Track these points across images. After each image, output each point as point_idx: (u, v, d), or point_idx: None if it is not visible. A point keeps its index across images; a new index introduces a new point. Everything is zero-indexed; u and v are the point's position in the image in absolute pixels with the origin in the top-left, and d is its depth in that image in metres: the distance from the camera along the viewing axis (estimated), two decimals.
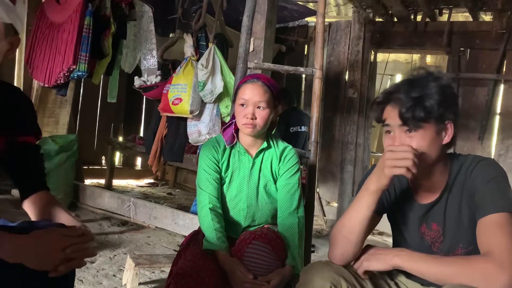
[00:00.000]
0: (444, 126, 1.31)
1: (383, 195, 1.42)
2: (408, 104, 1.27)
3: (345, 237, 1.33)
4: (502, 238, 1.17)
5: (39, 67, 3.67)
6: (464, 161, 1.35)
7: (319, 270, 1.29)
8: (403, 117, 1.27)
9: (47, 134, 4.38)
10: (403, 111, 1.27)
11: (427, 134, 1.28)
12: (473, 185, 1.29)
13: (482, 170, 1.30)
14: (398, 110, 1.29)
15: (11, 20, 1.22)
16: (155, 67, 4.19)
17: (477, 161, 1.32)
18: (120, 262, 2.89)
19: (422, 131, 1.28)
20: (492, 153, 4.65)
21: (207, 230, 1.68)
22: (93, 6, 3.53)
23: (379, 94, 1.41)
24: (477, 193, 1.27)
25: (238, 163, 1.78)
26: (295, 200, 1.76)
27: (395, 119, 1.30)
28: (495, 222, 1.20)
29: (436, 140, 1.30)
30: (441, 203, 1.36)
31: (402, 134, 1.30)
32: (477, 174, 1.29)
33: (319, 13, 2.22)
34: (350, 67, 5.32)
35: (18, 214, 3.43)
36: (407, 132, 1.29)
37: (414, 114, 1.26)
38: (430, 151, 1.30)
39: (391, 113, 1.32)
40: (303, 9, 5.12)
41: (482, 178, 1.28)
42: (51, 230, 1.15)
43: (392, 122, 1.31)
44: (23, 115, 1.38)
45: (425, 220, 1.40)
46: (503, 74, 4.61)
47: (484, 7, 4.63)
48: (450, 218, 1.34)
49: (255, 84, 1.73)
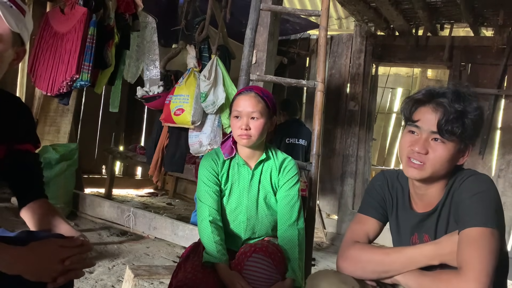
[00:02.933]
0: (465, 148, 1.32)
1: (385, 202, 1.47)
2: (450, 116, 1.24)
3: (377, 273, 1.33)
4: (474, 253, 1.18)
5: (42, 76, 3.68)
6: (460, 174, 1.34)
7: (327, 277, 1.30)
8: (440, 127, 1.25)
9: (48, 143, 4.38)
10: (443, 121, 1.25)
11: (450, 149, 1.28)
12: (458, 199, 1.29)
13: (468, 185, 1.29)
14: (438, 117, 1.26)
15: (19, 30, 1.23)
16: (158, 78, 4.20)
17: (468, 175, 1.32)
18: (119, 272, 2.87)
19: (449, 145, 1.27)
20: (493, 168, 4.65)
21: (207, 243, 1.67)
22: (97, 17, 3.55)
23: (417, 92, 1.38)
24: (460, 206, 1.28)
25: (237, 175, 1.78)
26: (295, 212, 1.75)
27: (430, 124, 1.27)
28: (471, 236, 1.20)
29: (455, 158, 1.31)
30: (435, 215, 1.36)
31: (429, 140, 1.28)
32: (463, 188, 1.29)
33: (321, 26, 2.23)
34: (352, 80, 5.35)
35: (18, 223, 3.43)
36: (434, 140, 1.28)
37: (453, 127, 1.24)
38: (445, 166, 1.30)
39: (428, 115, 1.29)
40: (305, 22, 5.16)
41: (466, 192, 1.28)
42: (49, 241, 1.14)
43: (425, 126, 1.29)
44: (22, 124, 1.39)
45: (417, 230, 1.40)
46: (504, 89, 4.63)
47: (485, 23, 4.67)
48: (440, 230, 1.34)
49: (247, 95, 1.74)
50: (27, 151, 1.40)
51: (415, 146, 1.29)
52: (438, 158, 1.27)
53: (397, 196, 1.47)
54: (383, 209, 1.48)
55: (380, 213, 1.48)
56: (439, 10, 4.53)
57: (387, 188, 1.49)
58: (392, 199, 1.47)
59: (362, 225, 1.48)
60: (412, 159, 1.30)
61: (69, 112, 4.67)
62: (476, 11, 4.40)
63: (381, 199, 1.49)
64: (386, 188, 1.49)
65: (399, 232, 1.46)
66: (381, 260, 1.32)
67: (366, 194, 1.55)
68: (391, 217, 1.49)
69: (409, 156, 1.31)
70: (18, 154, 1.37)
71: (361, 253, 1.36)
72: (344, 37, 5.49)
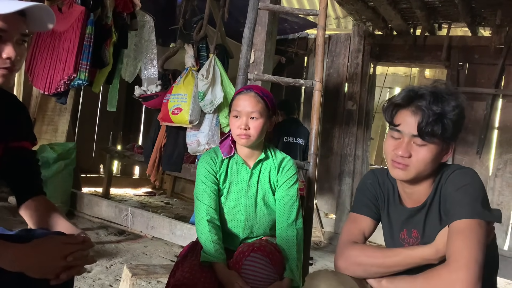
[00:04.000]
0: (448, 146, 1.34)
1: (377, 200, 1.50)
2: (429, 119, 1.27)
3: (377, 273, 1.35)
4: (462, 243, 1.20)
5: (40, 75, 3.67)
6: (446, 170, 1.37)
7: (326, 277, 1.31)
8: (421, 130, 1.28)
9: (46, 142, 4.37)
10: (422, 124, 1.27)
11: (433, 150, 1.30)
12: (445, 193, 1.32)
13: (453, 179, 1.32)
14: (418, 121, 1.29)
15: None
16: (156, 77, 4.20)
17: (453, 169, 1.34)
18: (117, 272, 2.87)
19: (430, 146, 1.30)
20: (490, 167, 4.66)
21: (205, 242, 1.67)
22: (95, 16, 3.54)
23: (397, 94, 1.39)
24: (447, 200, 1.30)
25: (236, 174, 1.78)
26: (294, 211, 1.75)
27: (410, 127, 1.30)
28: (458, 228, 1.23)
29: (438, 157, 1.33)
30: (424, 210, 1.38)
31: (411, 144, 1.31)
32: (450, 183, 1.32)
33: (319, 26, 2.23)
34: (349, 80, 5.35)
35: (16, 222, 3.42)
36: (415, 144, 1.31)
37: (433, 129, 1.27)
38: (429, 166, 1.33)
39: (408, 119, 1.31)
40: (303, 22, 5.16)
41: (452, 186, 1.30)
42: (51, 238, 1.15)
43: (406, 130, 1.31)
44: (19, 121, 1.39)
45: (406, 225, 1.42)
46: (502, 89, 4.64)
47: (483, 22, 4.68)
48: (429, 226, 1.36)
49: (247, 95, 1.73)
50: (24, 148, 1.40)
51: (398, 150, 1.32)
52: (421, 161, 1.30)
53: (388, 193, 1.49)
54: (376, 207, 1.50)
55: (373, 211, 1.50)
56: (437, 10, 4.54)
57: (378, 185, 1.51)
58: (384, 196, 1.49)
59: (357, 224, 1.49)
60: (396, 161, 1.33)
61: (67, 111, 4.66)
62: (474, 11, 4.41)
63: (373, 197, 1.50)
64: (377, 186, 1.51)
65: (391, 228, 1.48)
66: (382, 263, 1.34)
67: (358, 192, 1.56)
68: (383, 213, 1.50)
69: (393, 160, 1.34)
70: (16, 152, 1.37)
71: (361, 255, 1.37)
72: (342, 37, 5.49)
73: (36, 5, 1.17)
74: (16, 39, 1.19)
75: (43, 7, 1.21)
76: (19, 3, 1.15)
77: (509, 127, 4.58)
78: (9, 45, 1.17)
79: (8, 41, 1.17)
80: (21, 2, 1.16)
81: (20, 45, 1.21)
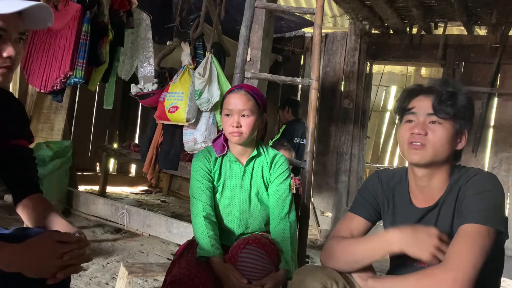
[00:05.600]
0: (462, 132, 1.36)
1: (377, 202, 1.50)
2: (443, 96, 1.32)
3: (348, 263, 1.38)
4: (464, 246, 1.20)
5: (36, 72, 3.66)
6: (465, 172, 1.36)
7: (311, 272, 1.34)
8: (435, 107, 1.32)
9: (42, 140, 4.36)
10: (437, 101, 1.32)
11: (448, 129, 1.33)
12: (464, 195, 1.31)
13: (476, 182, 1.31)
14: (432, 100, 1.33)
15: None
16: (152, 75, 4.19)
17: (475, 173, 1.34)
18: (113, 270, 2.87)
19: (446, 124, 1.32)
20: (486, 166, 4.69)
21: (201, 238, 1.68)
22: (91, 13, 3.53)
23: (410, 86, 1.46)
24: (464, 202, 1.29)
25: (229, 172, 1.80)
26: (286, 205, 1.78)
27: (425, 108, 1.34)
28: (466, 231, 1.22)
29: (453, 140, 1.35)
30: (436, 210, 1.37)
31: (427, 123, 1.34)
32: (470, 185, 1.31)
33: (316, 24, 2.24)
34: (346, 78, 5.36)
35: (12, 220, 3.41)
36: (432, 123, 1.33)
37: (447, 105, 1.31)
38: (445, 148, 1.33)
39: (422, 102, 1.36)
40: (300, 20, 5.16)
41: (473, 189, 1.29)
42: (47, 237, 1.15)
43: (421, 110, 1.35)
44: (15, 119, 1.38)
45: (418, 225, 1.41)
46: (497, 88, 4.66)
47: (478, 21, 4.70)
48: (441, 226, 1.34)
49: (238, 93, 1.76)
50: (21, 146, 1.39)
51: (414, 129, 1.34)
52: (438, 138, 1.32)
53: (393, 193, 1.48)
54: (374, 209, 1.51)
55: (369, 213, 1.51)
56: (433, 9, 4.55)
57: (380, 187, 1.51)
58: (387, 197, 1.49)
59: (347, 222, 1.53)
60: (414, 142, 1.34)
61: (63, 109, 4.65)
62: (470, 10, 4.42)
63: (372, 198, 1.51)
64: (379, 188, 1.51)
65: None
66: (349, 251, 1.37)
67: (358, 193, 1.59)
68: (386, 215, 1.49)
69: (410, 141, 1.35)
70: (12, 150, 1.36)
71: (335, 246, 1.42)
72: (338, 35, 5.50)
73: (36, 5, 1.17)
74: (15, 38, 1.19)
75: (43, 6, 1.21)
76: (19, 3, 1.14)
77: (505, 125, 4.61)
78: (9, 44, 1.16)
79: (7, 40, 1.17)
80: (21, 1, 1.15)
81: (18, 44, 1.21)
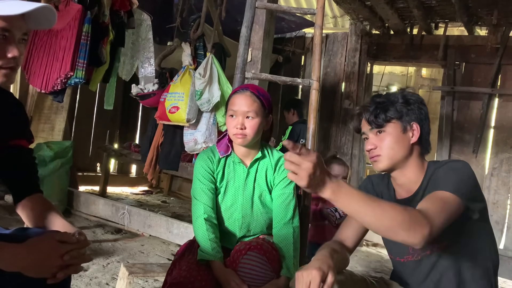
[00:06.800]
0: (410, 127, 1.47)
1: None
2: (371, 109, 1.48)
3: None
4: (437, 205, 1.28)
5: (37, 73, 3.67)
6: (437, 163, 1.50)
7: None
8: (369, 121, 1.49)
9: (42, 140, 4.36)
10: (367, 116, 1.49)
11: (393, 133, 1.46)
12: (437, 176, 1.42)
13: (448, 163, 1.44)
14: (367, 117, 1.50)
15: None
16: (153, 75, 4.19)
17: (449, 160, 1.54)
18: (114, 270, 2.87)
19: (389, 130, 1.47)
20: (486, 167, 4.68)
21: (202, 241, 1.67)
22: (92, 14, 3.53)
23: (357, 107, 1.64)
24: (437, 175, 1.41)
25: (233, 173, 1.78)
26: (290, 210, 1.76)
27: (366, 126, 1.52)
28: (439, 195, 1.32)
29: (403, 138, 1.47)
30: (417, 199, 1.45)
31: (373, 136, 1.49)
32: (444, 167, 1.43)
33: (317, 25, 2.23)
34: (347, 79, 5.35)
35: (12, 220, 3.41)
36: (377, 134, 1.48)
37: (376, 115, 1.46)
38: (397, 149, 1.46)
39: (364, 123, 1.53)
40: (301, 20, 5.16)
41: (445, 167, 1.42)
42: (47, 237, 1.15)
43: (365, 129, 1.52)
44: (15, 119, 1.38)
45: None
46: (498, 88, 4.65)
47: (479, 22, 4.69)
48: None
49: (243, 94, 1.74)
50: (21, 146, 1.39)
51: (367, 146, 1.51)
52: (386, 145, 1.46)
53: (382, 191, 1.61)
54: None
55: None
56: (434, 9, 4.55)
57: (372, 187, 1.64)
58: (378, 196, 1.60)
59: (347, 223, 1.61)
60: (372, 157, 1.51)
61: (64, 109, 4.65)
62: (471, 11, 4.42)
63: None
64: (371, 188, 1.64)
65: None
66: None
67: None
68: None
69: (370, 156, 1.52)
70: (12, 150, 1.36)
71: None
72: (339, 36, 5.49)
73: (40, 7, 1.17)
74: (18, 38, 1.19)
75: (47, 7, 1.21)
76: (24, 4, 1.14)
77: (505, 126, 4.60)
78: (13, 45, 1.16)
79: (12, 41, 1.17)
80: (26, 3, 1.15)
81: (21, 44, 1.21)
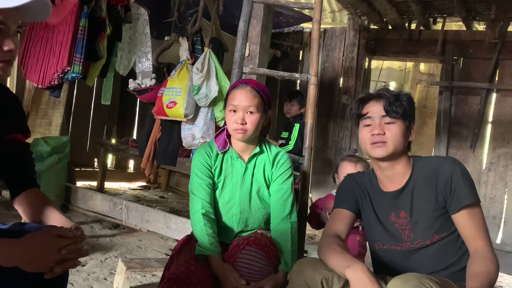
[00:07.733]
0: (411, 126, 1.57)
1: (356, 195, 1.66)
2: (391, 99, 1.53)
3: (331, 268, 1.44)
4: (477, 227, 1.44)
5: (33, 68, 3.65)
6: (428, 158, 1.60)
7: (313, 263, 1.43)
8: (387, 109, 1.52)
9: (40, 135, 4.35)
10: (387, 104, 1.53)
11: (401, 126, 1.53)
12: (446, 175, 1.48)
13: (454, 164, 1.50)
14: (383, 103, 1.53)
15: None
16: (150, 70, 4.17)
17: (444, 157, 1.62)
18: (111, 265, 2.87)
19: (398, 123, 1.53)
20: (484, 162, 4.69)
21: (200, 236, 1.67)
22: (88, 8, 3.51)
23: (361, 95, 1.66)
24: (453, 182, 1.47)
25: (230, 168, 1.78)
26: (288, 205, 1.76)
27: (378, 111, 1.54)
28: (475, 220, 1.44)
29: (405, 134, 1.55)
30: (407, 191, 1.55)
31: (382, 124, 1.53)
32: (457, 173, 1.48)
33: (315, 19, 2.23)
34: (345, 74, 5.35)
35: (9, 216, 3.41)
36: (386, 123, 1.52)
37: (396, 106, 1.52)
38: (401, 141, 1.53)
39: (374, 107, 1.56)
40: (299, 15, 5.14)
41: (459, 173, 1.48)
42: (45, 232, 1.14)
43: (375, 114, 1.54)
44: (12, 113, 1.37)
45: (393, 209, 1.56)
46: (496, 83, 4.65)
47: (477, 17, 4.68)
48: (417, 206, 1.53)
49: (244, 89, 1.73)
50: (17, 140, 1.39)
51: (374, 131, 1.52)
52: (394, 134, 1.51)
53: (366, 186, 1.66)
54: (354, 201, 1.66)
55: (350, 204, 1.65)
56: (432, 4, 4.53)
57: (355, 183, 1.68)
58: (363, 190, 1.65)
59: (336, 216, 1.64)
60: (376, 142, 1.53)
61: (61, 104, 4.63)
62: (469, 5, 4.41)
63: (351, 193, 1.67)
64: (354, 184, 1.69)
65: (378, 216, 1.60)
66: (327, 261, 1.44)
67: (337, 192, 1.75)
68: (366, 205, 1.64)
69: (372, 142, 1.53)
70: (9, 144, 1.36)
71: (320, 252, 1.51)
72: (337, 31, 5.48)
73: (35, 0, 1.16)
74: (13, 31, 1.18)
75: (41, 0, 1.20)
76: None
77: (503, 121, 4.61)
78: (8, 38, 1.15)
79: (7, 33, 1.15)
80: None
81: (16, 37, 1.20)
